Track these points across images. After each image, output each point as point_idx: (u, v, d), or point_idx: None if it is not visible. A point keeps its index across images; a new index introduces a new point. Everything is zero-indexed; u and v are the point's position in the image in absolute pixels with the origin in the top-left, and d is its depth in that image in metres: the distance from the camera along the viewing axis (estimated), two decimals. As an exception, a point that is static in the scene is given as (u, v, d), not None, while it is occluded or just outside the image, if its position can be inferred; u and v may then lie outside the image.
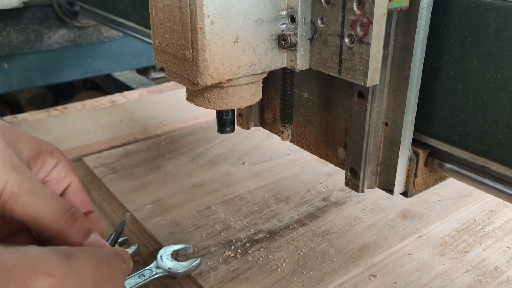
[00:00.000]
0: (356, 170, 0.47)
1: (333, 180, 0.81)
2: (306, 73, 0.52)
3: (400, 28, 0.40)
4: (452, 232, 0.68)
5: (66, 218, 0.37)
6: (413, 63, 0.40)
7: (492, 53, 0.37)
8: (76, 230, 0.37)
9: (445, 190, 0.77)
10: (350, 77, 0.40)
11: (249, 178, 0.82)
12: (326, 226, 0.69)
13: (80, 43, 1.44)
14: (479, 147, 0.41)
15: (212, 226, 0.69)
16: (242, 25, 0.40)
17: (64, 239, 0.37)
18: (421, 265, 0.61)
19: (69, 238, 0.37)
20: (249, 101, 0.46)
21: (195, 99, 0.46)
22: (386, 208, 0.73)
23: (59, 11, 1.35)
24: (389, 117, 0.44)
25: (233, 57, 0.41)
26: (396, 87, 0.42)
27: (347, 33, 0.38)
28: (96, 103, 1.16)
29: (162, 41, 0.44)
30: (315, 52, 0.42)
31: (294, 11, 0.41)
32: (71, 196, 0.43)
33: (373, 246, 0.65)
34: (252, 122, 0.61)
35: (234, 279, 0.59)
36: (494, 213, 0.72)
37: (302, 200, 0.75)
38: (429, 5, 0.39)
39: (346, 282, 0.59)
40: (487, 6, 0.36)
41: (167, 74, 0.46)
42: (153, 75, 1.86)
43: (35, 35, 1.36)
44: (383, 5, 0.36)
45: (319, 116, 0.52)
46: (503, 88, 0.37)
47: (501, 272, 0.60)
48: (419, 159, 0.46)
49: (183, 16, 0.40)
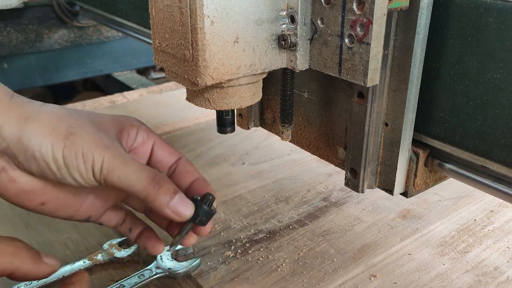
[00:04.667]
0: (356, 170, 0.47)
1: (333, 180, 0.81)
2: (306, 73, 0.52)
3: (400, 28, 0.40)
4: (452, 232, 0.68)
5: (153, 184, 0.42)
6: (413, 63, 0.40)
7: (492, 53, 0.37)
8: (163, 193, 0.42)
9: (445, 190, 0.77)
10: (350, 77, 0.40)
11: (249, 178, 0.82)
12: (326, 226, 0.69)
13: (80, 43, 1.44)
14: (479, 147, 0.41)
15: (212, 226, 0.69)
16: (242, 25, 0.40)
17: (153, 202, 0.42)
18: (421, 265, 0.61)
19: (157, 202, 0.42)
20: (249, 101, 0.46)
21: (195, 99, 0.46)
22: (386, 208, 0.73)
23: (59, 11, 1.35)
24: (389, 117, 0.44)
25: (233, 57, 0.41)
26: (396, 87, 0.42)
27: (347, 33, 0.38)
28: (96, 103, 1.16)
29: (162, 41, 0.44)
30: (315, 52, 0.42)
31: (294, 11, 0.41)
32: (159, 152, 0.49)
33: (373, 246, 0.65)
34: (252, 122, 0.61)
35: (234, 279, 0.59)
36: (494, 213, 0.72)
37: (302, 200, 0.75)
38: (429, 5, 0.39)
39: (346, 282, 0.59)
40: (487, 6, 0.36)
41: (167, 74, 0.46)
42: (153, 75, 1.86)
43: (35, 35, 1.36)
44: (383, 5, 0.36)
45: (319, 116, 0.52)
46: (503, 88, 0.37)
47: (501, 272, 0.60)
48: (419, 159, 0.46)
49: (183, 16, 0.40)
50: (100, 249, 0.63)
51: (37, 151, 0.40)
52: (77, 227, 0.69)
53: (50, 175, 0.41)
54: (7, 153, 0.41)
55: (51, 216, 0.46)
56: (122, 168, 0.42)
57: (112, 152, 0.42)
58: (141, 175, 0.42)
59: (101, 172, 0.41)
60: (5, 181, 0.42)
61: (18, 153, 0.40)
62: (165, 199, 0.43)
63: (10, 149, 0.40)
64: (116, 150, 0.43)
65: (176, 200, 0.43)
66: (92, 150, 0.41)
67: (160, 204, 0.43)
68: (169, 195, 0.43)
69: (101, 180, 0.42)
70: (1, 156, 0.41)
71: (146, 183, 0.42)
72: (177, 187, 0.44)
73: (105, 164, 0.41)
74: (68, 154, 0.41)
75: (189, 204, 0.44)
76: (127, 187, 0.42)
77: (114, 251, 0.62)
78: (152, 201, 0.42)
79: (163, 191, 0.43)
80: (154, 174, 0.43)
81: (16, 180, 0.42)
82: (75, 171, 0.41)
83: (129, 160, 0.43)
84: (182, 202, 0.43)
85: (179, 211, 0.43)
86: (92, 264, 0.61)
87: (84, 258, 0.61)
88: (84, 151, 0.41)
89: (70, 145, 0.41)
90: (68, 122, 0.42)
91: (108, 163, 0.41)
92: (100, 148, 0.41)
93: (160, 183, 0.43)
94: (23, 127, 0.40)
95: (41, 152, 0.40)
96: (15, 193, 0.43)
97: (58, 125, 0.41)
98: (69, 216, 0.46)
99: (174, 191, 0.43)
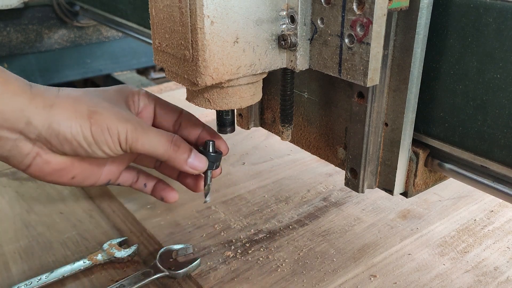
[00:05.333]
0: (356, 170, 0.47)
1: (333, 180, 0.81)
2: (306, 73, 0.52)
3: (400, 28, 0.40)
4: (452, 232, 0.68)
5: (172, 146, 0.49)
6: (413, 63, 0.40)
7: (492, 53, 0.37)
8: (181, 154, 0.50)
9: (445, 190, 0.77)
10: (350, 77, 0.40)
11: (249, 178, 0.82)
12: (326, 226, 0.69)
13: (80, 43, 1.44)
14: (479, 147, 0.41)
15: (212, 226, 0.69)
16: (242, 25, 0.40)
17: (173, 161, 0.50)
18: (421, 265, 0.61)
19: (177, 161, 0.50)
20: (249, 101, 0.46)
21: (195, 99, 0.46)
22: (386, 208, 0.73)
23: (59, 11, 1.35)
24: (389, 117, 0.44)
25: (233, 57, 0.41)
26: (396, 87, 0.42)
27: (347, 33, 0.38)
28: (96, 103, 1.16)
29: (162, 41, 0.44)
30: (315, 52, 0.42)
31: (294, 11, 0.41)
32: (161, 111, 0.55)
33: (373, 246, 0.65)
34: (252, 122, 0.61)
35: (234, 279, 0.59)
36: (494, 213, 0.72)
37: (302, 200, 0.75)
38: (429, 5, 0.39)
39: (346, 282, 0.59)
40: (487, 6, 0.36)
41: (167, 74, 0.46)
42: (153, 75, 1.86)
43: (35, 35, 1.36)
44: (383, 6, 0.36)
45: (319, 116, 0.52)
46: (503, 88, 0.37)
47: (501, 272, 0.60)
48: (419, 159, 0.46)
49: (183, 16, 0.40)
50: (100, 249, 0.63)
51: (68, 133, 0.45)
52: (77, 227, 0.69)
53: (82, 152, 0.47)
54: (40, 140, 0.45)
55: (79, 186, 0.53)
56: (144, 136, 0.47)
57: (133, 123, 0.47)
58: (161, 140, 0.48)
59: (127, 142, 0.47)
60: (40, 164, 0.47)
61: (50, 138, 0.45)
62: (184, 158, 0.50)
63: (42, 136, 0.45)
64: (135, 120, 0.48)
65: (193, 157, 0.50)
66: (115, 124, 0.46)
67: (180, 163, 0.50)
68: (186, 154, 0.50)
69: (127, 149, 0.47)
70: (35, 143, 0.46)
71: (167, 147, 0.49)
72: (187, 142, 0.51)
73: (129, 135, 0.47)
74: (96, 131, 0.46)
75: (203, 158, 0.51)
76: (150, 152, 0.48)
77: (114, 251, 0.62)
78: (173, 161, 0.49)
79: (181, 151, 0.49)
80: (171, 137, 0.49)
81: (50, 161, 0.47)
82: (104, 145, 0.46)
83: (148, 128, 0.48)
84: (198, 158, 0.51)
85: (196, 166, 0.51)
86: (92, 264, 0.61)
87: (84, 258, 0.61)
88: (109, 126, 0.46)
89: (95, 123, 0.46)
90: (86, 102, 0.47)
91: (132, 134, 0.47)
92: (121, 121, 0.46)
93: (178, 144, 0.49)
94: (50, 114, 0.45)
95: (72, 134, 0.45)
96: (49, 172, 0.48)
97: (80, 107, 0.46)
98: (93, 183, 0.52)
99: (189, 149, 0.50)
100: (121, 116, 0.47)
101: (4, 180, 0.81)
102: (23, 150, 0.46)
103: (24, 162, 0.47)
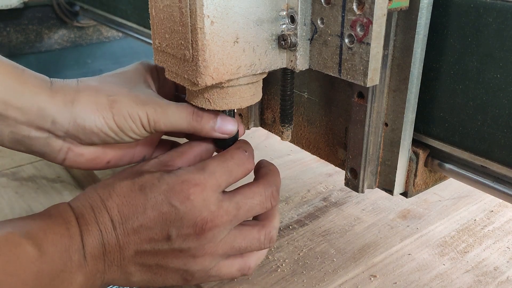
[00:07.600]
0: (356, 170, 0.47)
1: (333, 180, 0.81)
2: (306, 73, 0.52)
3: (400, 28, 0.40)
4: (452, 232, 0.68)
5: (195, 117, 0.48)
6: (413, 63, 0.40)
7: (492, 53, 0.37)
8: (205, 123, 0.48)
9: (445, 190, 0.77)
10: (350, 77, 0.40)
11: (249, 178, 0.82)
12: (326, 226, 0.69)
13: (80, 43, 1.44)
14: (479, 147, 0.41)
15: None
16: (242, 25, 0.40)
17: (201, 132, 0.49)
18: (421, 265, 0.61)
19: (204, 131, 0.49)
20: (249, 101, 0.46)
21: (195, 99, 0.46)
22: (386, 208, 0.73)
23: (59, 11, 1.35)
24: (389, 117, 0.44)
25: (233, 57, 0.41)
26: (396, 87, 0.42)
27: (347, 33, 0.38)
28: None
29: (162, 41, 0.44)
30: (315, 52, 0.42)
31: (294, 11, 0.41)
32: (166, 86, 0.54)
33: (373, 246, 0.65)
34: (252, 122, 0.61)
35: (234, 279, 0.59)
36: (494, 213, 0.72)
37: (302, 200, 0.75)
38: (429, 5, 0.39)
39: (346, 282, 0.59)
40: (487, 6, 0.36)
41: (167, 74, 0.46)
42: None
43: (35, 35, 1.36)
44: (383, 6, 0.36)
45: (319, 116, 0.52)
46: (503, 88, 0.37)
47: (501, 272, 0.60)
48: (419, 159, 0.46)
49: (183, 16, 0.40)
50: (100, 249, 0.63)
51: (93, 126, 0.47)
52: (77, 227, 0.69)
53: (111, 141, 0.48)
54: (68, 136, 0.47)
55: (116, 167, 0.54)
56: (164, 116, 0.48)
57: (151, 105, 0.47)
58: (182, 115, 0.48)
59: (149, 124, 0.47)
60: (74, 157, 0.49)
61: (78, 133, 0.47)
62: (210, 127, 0.49)
63: (70, 132, 0.47)
64: (153, 101, 0.48)
65: (219, 122, 0.49)
66: (135, 110, 0.47)
67: (207, 132, 0.49)
68: (211, 121, 0.49)
69: (152, 130, 0.48)
70: (64, 139, 0.48)
71: (189, 120, 0.48)
72: None
73: (150, 117, 0.47)
74: (119, 120, 0.47)
75: (230, 119, 0.50)
76: (175, 129, 0.49)
77: (114, 251, 0.62)
78: (200, 131, 0.49)
79: (205, 120, 0.48)
80: (191, 109, 0.49)
81: (83, 153, 0.49)
82: (130, 131, 0.48)
83: (167, 106, 0.48)
84: (225, 122, 0.49)
85: (225, 130, 0.49)
86: (92, 264, 0.61)
87: (84, 258, 0.61)
88: (130, 112, 0.47)
89: (117, 112, 0.47)
90: (105, 92, 0.48)
91: (152, 116, 0.47)
92: (140, 106, 0.47)
93: (200, 114, 0.48)
94: (73, 110, 0.46)
95: (97, 127, 0.47)
96: (84, 162, 0.50)
97: (100, 99, 0.47)
98: (128, 162, 0.53)
99: (214, 115, 0.49)
100: (139, 101, 0.48)
101: (4, 180, 0.81)
102: (55, 147, 0.48)
103: (58, 157, 0.49)
